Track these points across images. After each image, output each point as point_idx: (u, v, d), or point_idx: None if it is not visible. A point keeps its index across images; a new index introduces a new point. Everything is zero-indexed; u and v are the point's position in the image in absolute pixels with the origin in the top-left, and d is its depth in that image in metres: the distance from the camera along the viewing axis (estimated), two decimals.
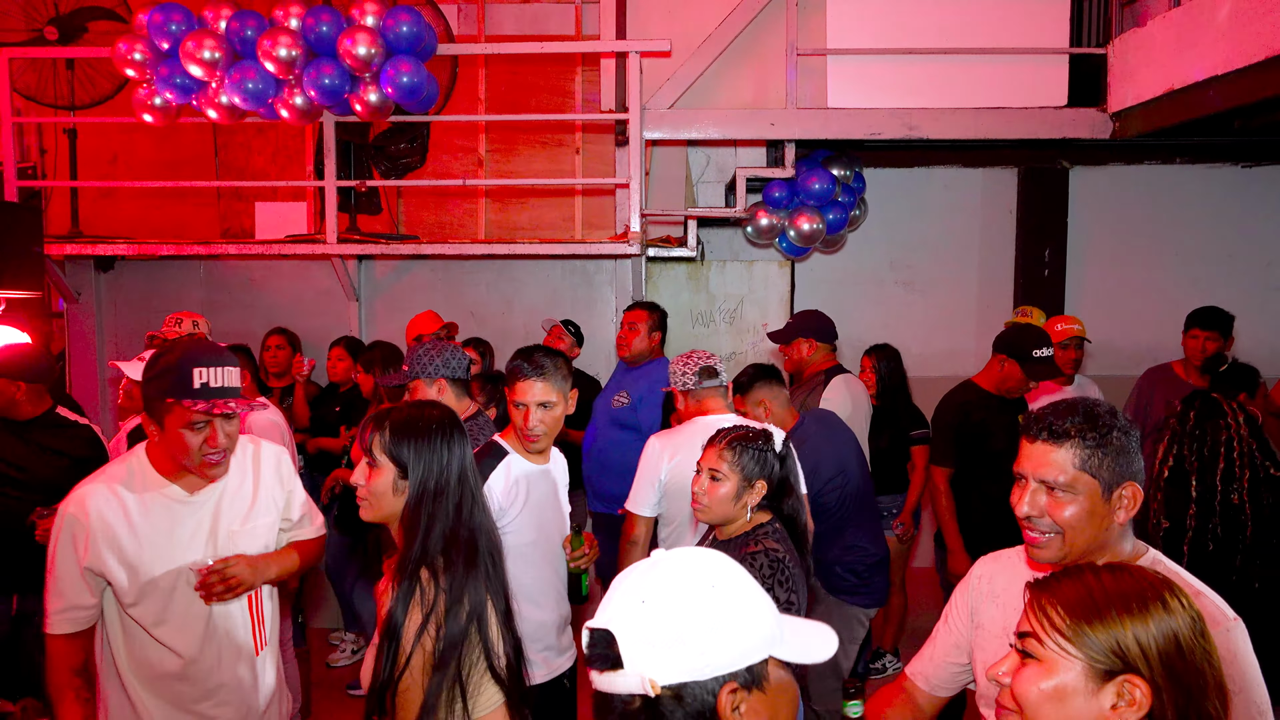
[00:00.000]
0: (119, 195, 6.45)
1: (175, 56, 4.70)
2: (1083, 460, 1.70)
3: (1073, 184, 6.53)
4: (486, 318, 6.07)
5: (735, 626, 1.15)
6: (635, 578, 1.20)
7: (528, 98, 6.49)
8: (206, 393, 2.19)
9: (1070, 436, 1.71)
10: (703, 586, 1.16)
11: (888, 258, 6.67)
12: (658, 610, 1.15)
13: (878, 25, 5.45)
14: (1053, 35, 5.47)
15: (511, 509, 2.76)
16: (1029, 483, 1.75)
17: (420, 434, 2.00)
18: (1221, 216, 6.55)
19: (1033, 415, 1.80)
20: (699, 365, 3.35)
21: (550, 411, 2.80)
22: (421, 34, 4.72)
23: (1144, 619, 1.25)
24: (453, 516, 1.99)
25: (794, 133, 5.47)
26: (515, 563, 2.72)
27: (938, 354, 6.55)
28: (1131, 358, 5.46)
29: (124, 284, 6.17)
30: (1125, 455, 1.71)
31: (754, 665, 1.16)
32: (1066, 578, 1.33)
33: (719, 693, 1.14)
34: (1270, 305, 6.51)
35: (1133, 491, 1.71)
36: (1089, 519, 1.71)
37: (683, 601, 1.15)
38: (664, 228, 6.16)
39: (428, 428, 2.01)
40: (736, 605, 1.16)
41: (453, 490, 2.00)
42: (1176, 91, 4.71)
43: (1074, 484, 1.70)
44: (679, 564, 1.20)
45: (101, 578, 2.23)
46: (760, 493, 2.55)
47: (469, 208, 6.48)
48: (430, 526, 1.96)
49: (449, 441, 2.03)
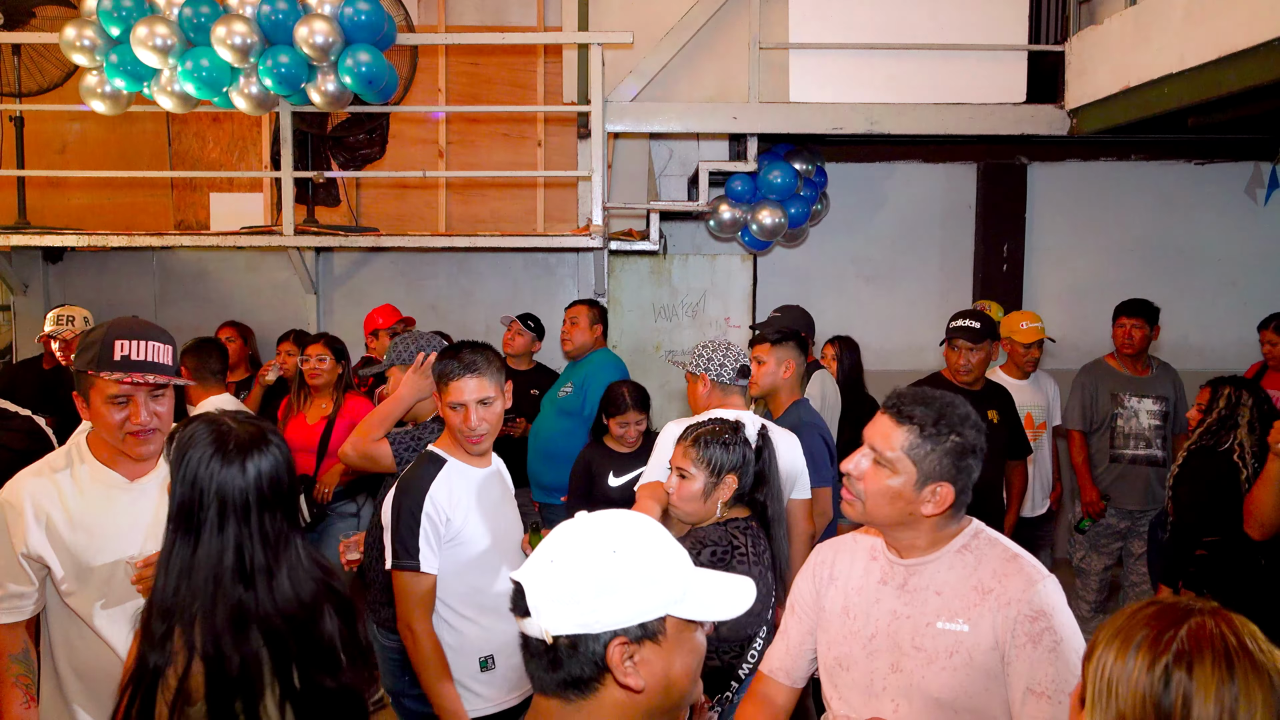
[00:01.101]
0: (68, 185, 6.29)
1: (126, 43, 4.58)
2: (910, 445, 1.82)
3: (1031, 179, 6.60)
4: (447, 311, 6.03)
5: (629, 588, 1.25)
6: (555, 536, 1.32)
7: (489, 89, 6.42)
8: (126, 365, 2.15)
9: (911, 421, 1.83)
10: (604, 550, 1.27)
11: (849, 252, 6.70)
12: (560, 569, 1.27)
13: (840, 20, 5.46)
14: (1012, 32, 5.52)
15: (458, 518, 2.63)
16: (864, 445, 1.89)
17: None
18: (1175, 212, 6.66)
19: (896, 391, 1.92)
20: (739, 363, 3.31)
21: (490, 408, 2.66)
22: (381, 22, 4.65)
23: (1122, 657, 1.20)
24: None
25: (757, 127, 5.47)
26: (474, 574, 2.68)
27: (899, 348, 6.60)
28: (1087, 352, 5.52)
29: (73, 276, 6.03)
30: (953, 458, 1.81)
31: (647, 622, 1.27)
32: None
33: (609, 644, 1.25)
34: (1222, 300, 6.63)
35: (945, 491, 1.82)
36: (892, 500, 1.84)
37: (582, 563, 1.26)
38: (626, 221, 6.14)
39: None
40: (634, 568, 1.26)
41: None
42: (1132, 89, 4.77)
43: (894, 463, 1.82)
44: (592, 527, 1.31)
45: (40, 563, 2.18)
46: (730, 487, 2.51)
47: (429, 200, 6.41)
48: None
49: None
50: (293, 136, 5.20)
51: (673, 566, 1.30)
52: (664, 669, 1.29)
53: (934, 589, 1.86)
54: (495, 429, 2.71)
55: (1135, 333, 4.79)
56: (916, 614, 1.87)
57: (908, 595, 1.89)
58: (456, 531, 2.63)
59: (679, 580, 1.30)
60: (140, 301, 5.97)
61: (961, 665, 1.80)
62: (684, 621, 1.30)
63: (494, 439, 2.75)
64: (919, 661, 1.84)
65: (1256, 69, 3.88)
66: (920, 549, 1.89)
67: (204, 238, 5.52)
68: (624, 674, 1.26)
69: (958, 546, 1.88)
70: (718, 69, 5.57)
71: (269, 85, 4.63)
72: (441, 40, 6.04)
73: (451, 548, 2.63)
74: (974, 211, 6.68)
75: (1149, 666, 1.16)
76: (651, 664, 1.28)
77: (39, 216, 5.93)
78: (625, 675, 1.26)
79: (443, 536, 2.61)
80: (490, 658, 2.68)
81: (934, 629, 1.83)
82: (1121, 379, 4.85)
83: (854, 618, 1.96)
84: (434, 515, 2.60)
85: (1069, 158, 6.59)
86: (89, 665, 2.24)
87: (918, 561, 1.89)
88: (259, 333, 5.72)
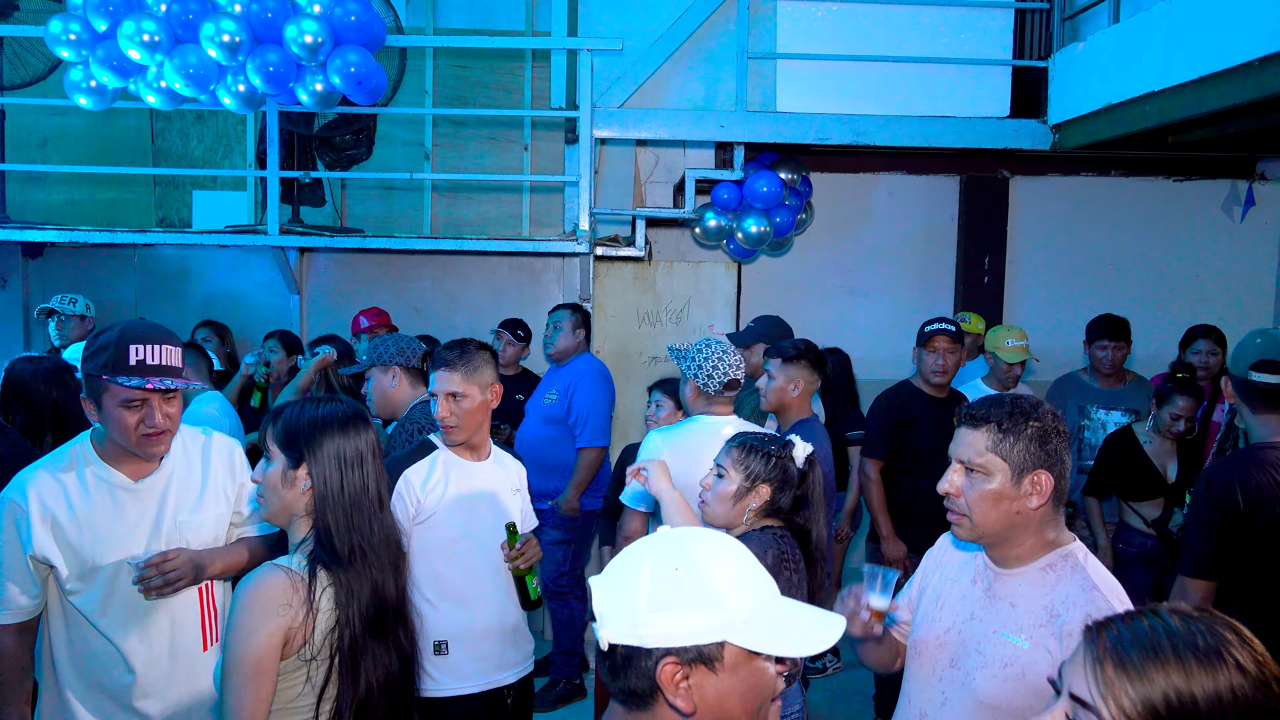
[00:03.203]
0: (49, 180, 6.23)
1: (113, 38, 4.54)
2: (994, 443, 1.84)
3: (1013, 193, 6.67)
4: (430, 314, 6.01)
5: (684, 608, 1.22)
6: (636, 546, 1.31)
7: (477, 92, 6.42)
8: (143, 369, 2.15)
9: (987, 421, 1.85)
10: (668, 565, 1.24)
11: (833, 261, 6.74)
12: (624, 579, 1.26)
13: (827, 32, 5.51)
14: (996, 48, 5.59)
15: (430, 502, 2.75)
16: (953, 463, 1.90)
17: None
18: (1153, 228, 6.75)
19: (965, 405, 1.97)
20: (727, 377, 3.22)
21: (459, 404, 2.77)
22: (370, 23, 4.64)
23: (1210, 675, 1.07)
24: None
25: (743, 135, 5.51)
26: (437, 559, 2.75)
27: (881, 358, 6.63)
28: (1067, 365, 5.57)
29: (53, 272, 5.98)
30: (1039, 444, 1.83)
31: (702, 646, 1.22)
32: (1131, 629, 1.15)
33: (661, 663, 1.22)
34: (1198, 315, 6.67)
35: (1044, 479, 1.83)
36: (995, 501, 1.84)
37: (644, 575, 1.24)
38: (612, 227, 6.16)
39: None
40: (694, 588, 1.23)
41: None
42: (1114, 106, 4.84)
43: (987, 465, 1.83)
44: (665, 540, 1.29)
45: (45, 564, 2.18)
46: (763, 497, 2.48)
47: (414, 202, 6.40)
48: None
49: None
50: (279, 136, 5.18)
51: (741, 592, 1.25)
52: (718, 697, 1.24)
53: (1010, 600, 1.89)
54: (466, 425, 2.80)
55: (1117, 354, 4.83)
56: (990, 620, 1.91)
57: (989, 601, 1.93)
58: (428, 515, 2.74)
59: (743, 607, 1.24)
60: (121, 299, 5.92)
61: (1013, 678, 1.83)
62: (747, 652, 1.24)
63: (470, 434, 2.82)
64: (976, 664, 1.89)
65: (1236, 89, 3.95)
66: (1020, 559, 1.90)
67: (187, 236, 5.49)
68: (674, 694, 1.23)
69: (1044, 564, 1.88)
70: (706, 77, 5.60)
71: (257, 84, 4.60)
72: (430, 42, 6.04)
73: (421, 530, 2.73)
74: (956, 223, 6.74)
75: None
76: (704, 690, 1.24)
77: (19, 211, 5.88)
78: (675, 696, 1.23)
79: (412, 517, 2.73)
80: (444, 644, 2.76)
81: (998, 638, 1.87)
82: (1090, 391, 4.91)
83: (940, 607, 2.02)
84: (405, 495, 2.73)
85: (1050, 172, 6.66)
86: (90, 664, 2.23)
87: (1008, 571, 1.92)
88: (241, 333, 5.69)
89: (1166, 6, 4.38)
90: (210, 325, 5.47)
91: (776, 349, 3.82)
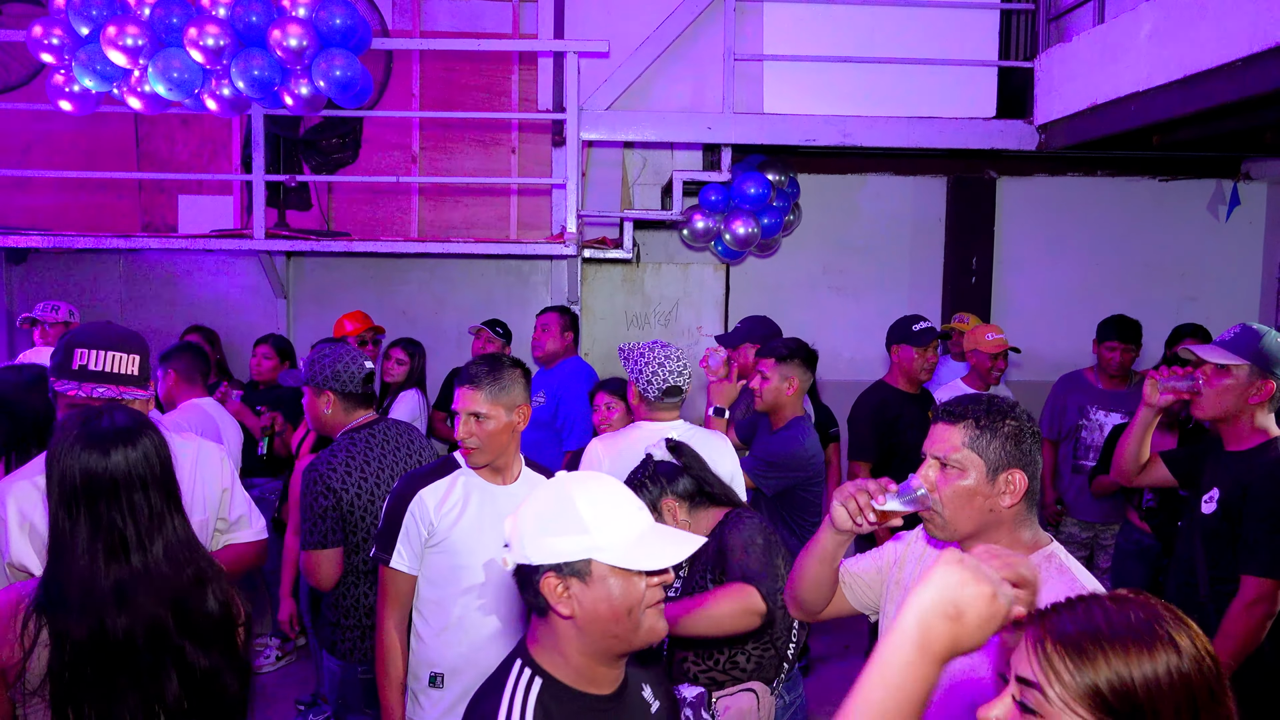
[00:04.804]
0: (33, 185, 6.19)
1: (96, 42, 4.52)
2: (971, 439, 1.83)
3: (1000, 193, 6.69)
4: (418, 317, 5.99)
5: (558, 533, 1.54)
6: (536, 491, 1.63)
7: (463, 95, 6.41)
8: (83, 375, 2.14)
9: (965, 418, 1.84)
10: (552, 500, 1.57)
11: (820, 263, 6.75)
12: (522, 513, 1.60)
13: (814, 33, 5.52)
14: (983, 48, 5.60)
15: (444, 526, 2.58)
16: (927, 459, 1.88)
17: None
18: (1139, 228, 6.78)
19: (938, 404, 1.89)
20: (666, 384, 3.16)
21: (482, 424, 2.54)
22: (356, 26, 4.62)
23: (1149, 659, 1.12)
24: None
25: (731, 137, 5.50)
26: (443, 586, 2.59)
27: (868, 359, 6.64)
28: (1054, 365, 5.60)
29: (38, 278, 5.94)
30: (1015, 443, 1.82)
31: (574, 562, 1.54)
32: (1071, 613, 1.18)
33: (543, 576, 1.56)
34: (1184, 314, 6.71)
35: (1018, 478, 1.82)
36: (969, 498, 1.82)
37: (533, 511, 1.58)
38: (600, 229, 6.15)
39: None
40: (567, 517, 1.54)
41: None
42: (1099, 106, 4.86)
43: (962, 461, 1.82)
44: (560, 483, 1.60)
45: (24, 573, 2.16)
46: (675, 510, 2.62)
47: (402, 205, 6.38)
48: None
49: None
50: (264, 139, 5.15)
51: (604, 520, 1.55)
52: (592, 604, 1.55)
53: None
54: (489, 448, 2.58)
55: (1125, 356, 4.82)
56: None
57: None
58: (440, 539, 2.58)
59: (606, 532, 1.54)
60: (106, 304, 5.88)
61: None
62: (611, 567, 1.54)
63: (491, 456, 2.60)
64: (961, 666, 1.84)
65: (1221, 88, 3.96)
66: None
67: (172, 240, 5.46)
68: (556, 601, 1.56)
69: None
70: (693, 79, 5.60)
71: (241, 88, 4.58)
72: (416, 45, 6.02)
73: (431, 554, 2.60)
74: (943, 224, 6.76)
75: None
76: (580, 598, 1.55)
77: (2, 216, 5.84)
78: (557, 603, 1.56)
79: (424, 540, 2.58)
80: (440, 676, 2.60)
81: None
82: (1092, 392, 4.90)
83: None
84: (418, 516, 2.57)
85: (1037, 172, 6.68)
86: None
87: None
88: (228, 337, 5.66)
89: (1150, 7, 4.40)
90: (199, 331, 5.44)
91: (769, 349, 3.81)
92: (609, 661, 1.63)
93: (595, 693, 1.64)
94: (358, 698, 3.00)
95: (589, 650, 1.60)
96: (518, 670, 1.64)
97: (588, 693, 1.63)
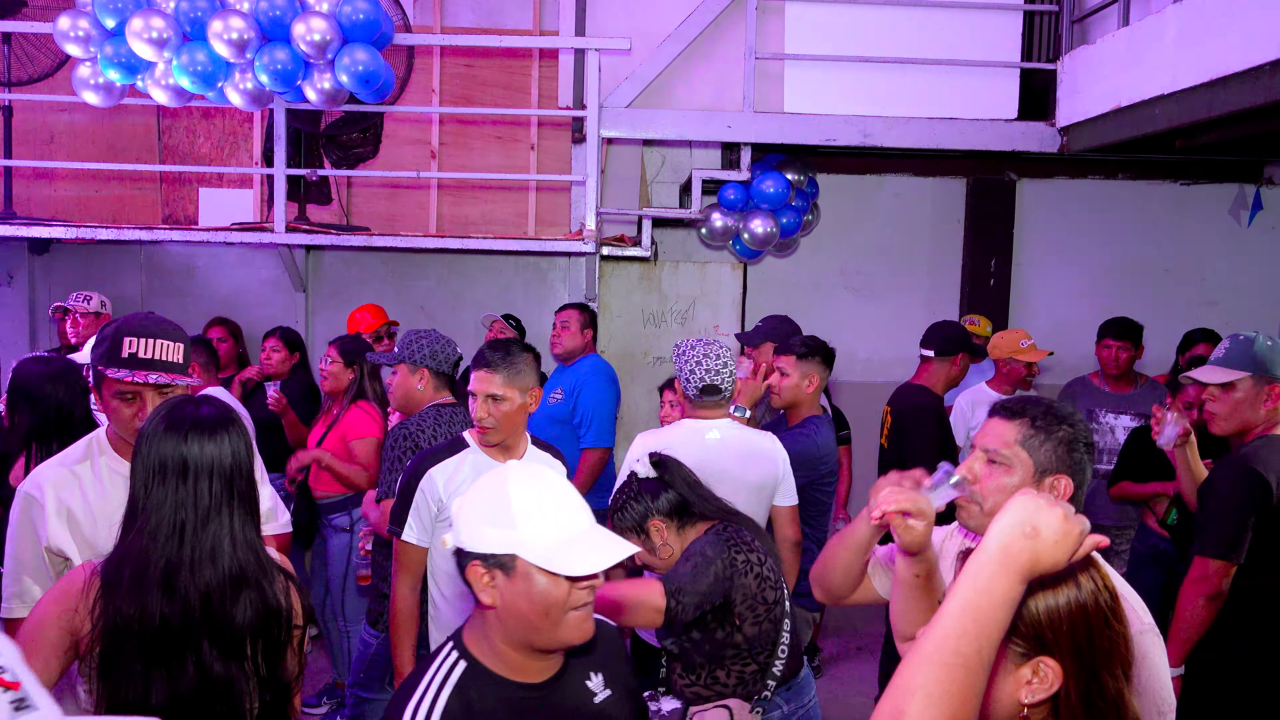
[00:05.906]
0: (56, 176, 6.24)
1: (121, 35, 4.55)
2: (1025, 438, 1.82)
3: (1020, 196, 6.66)
4: (436, 312, 6.01)
5: (489, 525, 1.56)
6: (484, 477, 1.66)
7: (483, 91, 6.41)
8: (133, 362, 2.20)
9: (1022, 415, 1.85)
10: (490, 492, 1.59)
11: (838, 263, 6.73)
12: (465, 499, 1.63)
13: (835, 32, 5.50)
14: (1005, 49, 5.57)
15: (451, 502, 2.70)
16: (975, 451, 1.88)
17: None
18: (1160, 231, 6.74)
19: (999, 402, 1.97)
20: (704, 383, 3.16)
21: (499, 405, 2.76)
22: (378, 21, 4.64)
23: (1054, 594, 1.34)
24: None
25: (751, 136, 5.50)
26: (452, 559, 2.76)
27: (885, 360, 6.62)
28: (1072, 368, 5.57)
29: (59, 268, 5.99)
30: (1067, 449, 1.82)
31: (499, 555, 1.55)
32: None
33: (469, 564, 1.59)
34: (1204, 319, 6.67)
35: (1064, 484, 1.81)
36: (1010, 497, 1.78)
37: (475, 499, 1.61)
38: (618, 226, 6.15)
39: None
40: (500, 510, 1.56)
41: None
42: (1123, 109, 4.83)
43: (1011, 458, 1.82)
44: (503, 474, 1.61)
45: (60, 557, 2.20)
46: (662, 530, 2.56)
47: (420, 200, 6.39)
48: None
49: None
50: (286, 133, 5.18)
51: (534, 519, 1.55)
52: (512, 597, 1.57)
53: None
54: (503, 427, 2.80)
55: (1121, 354, 4.81)
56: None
57: None
58: (449, 515, 2.70)
59: (534, 530, 1.55)
60: (127, 296, 5.92)
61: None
62: (536, 566, 1.54)
63: (506, 435, 2.83)
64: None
65: (1246, 92, 3.93)
66: None
67: (193, 233, 5.49)
68: (479, 589, 1.59)
69: None
70: (713, 77, 5.59)
71: (264, 81, 4.61)
72: (438, 41, 6.03)
73: (442, 528, 2.75)
74: (963, 226, 6.73)
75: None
76: (503, 590, 1.57)
77: (25, 207, 5.88)
78: (480, 591, 1.59)
79: (434, 515, 2.78)
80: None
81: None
82: (1100, 396, 4.88)
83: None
84: (428, 492, 2.79)
85: (1058, 175, 6.65)
86: None
87: None
88: (247, 330, 5.69)
89: (1177, 9, 4.37)
90: (223, 323, 5.46)
91: (788, 347, 3.81)
92: (533, 654, 1.64)
93: (522, 680, 1.65)
94: (379, 671, 3.35)
95: (511, 641, 1.62)
96: (445, 654, 1.68)
97: (513, 680, 1.64)
